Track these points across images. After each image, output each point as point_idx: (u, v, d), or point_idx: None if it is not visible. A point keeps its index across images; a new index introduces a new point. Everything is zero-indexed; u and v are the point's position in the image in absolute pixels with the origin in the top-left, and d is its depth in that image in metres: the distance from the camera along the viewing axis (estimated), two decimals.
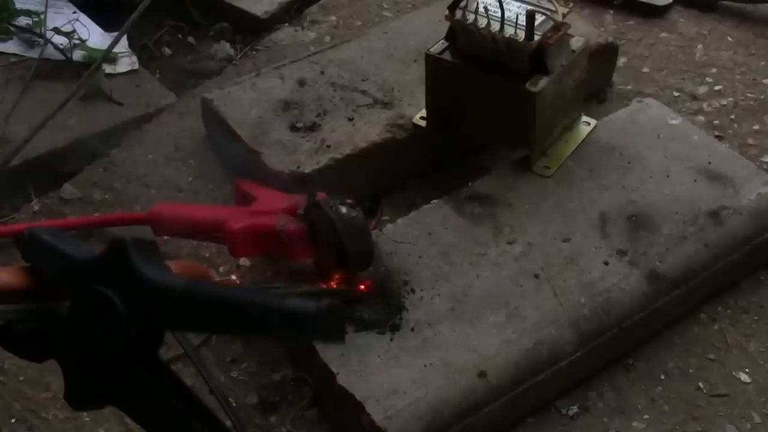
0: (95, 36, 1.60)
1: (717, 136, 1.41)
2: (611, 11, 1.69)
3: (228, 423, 0.76)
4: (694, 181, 1.24)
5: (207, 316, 0.60)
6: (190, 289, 0.60)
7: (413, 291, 1.11)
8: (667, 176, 1.25)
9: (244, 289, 0.61)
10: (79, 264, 0.64)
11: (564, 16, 1.20)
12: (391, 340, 1.06)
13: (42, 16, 1.59)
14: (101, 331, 0.62)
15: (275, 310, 0.58)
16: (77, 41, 1.55)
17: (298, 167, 1.26)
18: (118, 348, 0.61)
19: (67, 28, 1.56)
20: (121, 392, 0.63)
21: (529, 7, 1.18)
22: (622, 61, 1.56)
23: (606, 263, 1.14)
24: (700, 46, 1.62)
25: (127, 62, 1.57)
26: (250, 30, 1.70)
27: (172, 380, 0.62)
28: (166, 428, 0.62)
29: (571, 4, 1.22)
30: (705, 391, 1.12)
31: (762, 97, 1.51)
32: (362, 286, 1.09)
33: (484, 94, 1.24)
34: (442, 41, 1.25)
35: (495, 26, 1.17)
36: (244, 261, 1.24)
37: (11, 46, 1.58)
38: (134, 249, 0.62)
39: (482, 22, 1.17)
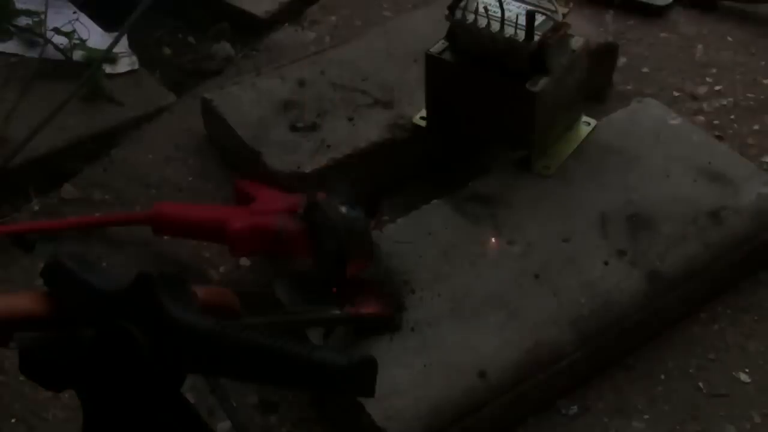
0: (95, 36, 1.60)
1: (717, 136, 1.41)
2: (611, 11, 1.69)
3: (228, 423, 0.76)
4: (694, 181, 1.24)
5: (233, 362, 0.58)
6: (215, 333, 0.58)
7: (413, 291, 1.11)
8: (667, 176, 1.25)
9: (274, 336, 0.58)
10: (104, 296, 0.62)
11: (564, 16, 1.20)
12: (391, 340, 1.06)
13: (42, 16, 1.59)
14: (122, 366, 0.60)
15: (305, 362, 0.56)
16: (77, 41, 1.55)
17: (298, 167, 1.26)
18: (138, 384, 0.60)
19: (67, 28, 1.56)
20: (139, 430, 0.61)
21: (529, 7, 1.18)
22: (622, 61, 1.56)
23: (606, 263, 1.14)
24: (700, 46, 1.62)
25: (127, 62, 1.57)
26: (250, 30, 1.70)
27: (193, 421, 0.61)
28: None
29: (571, 4, 1.22)
30: (705, 391, 1.12)
31: (762, 97, 1.51)
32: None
33: (484, 94, 1.24)
34: (442, 41, 1.26)
35: (495, 26, 1.17)
36: (244, 261, 1.25)
37: (11, 46, 1.58)
38: (161, 284, 0.60)
39: (482, 22, 1.18)
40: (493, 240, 1.13)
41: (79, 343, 0.64)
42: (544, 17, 1.18)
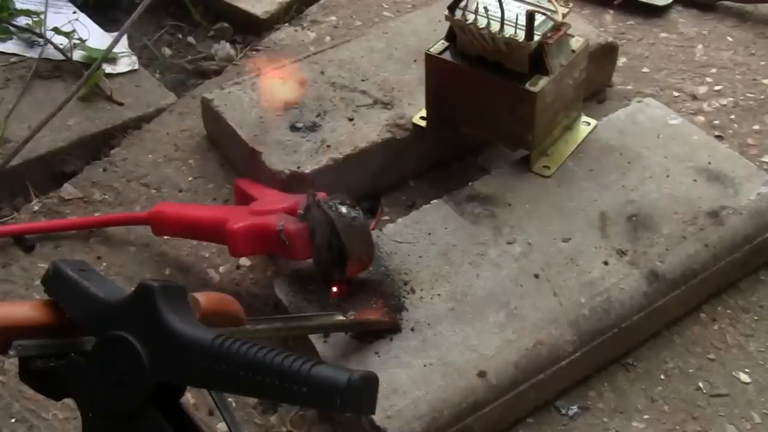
0: (95, 36, 1.60)
1: (717, 136, 1.41)
2: (611, 11, 1.69)
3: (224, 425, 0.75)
4: (694, 181, 1.24)
5: (231, 377, 0.57)
6: (215, 347, 0.58)
7: (413, 291, 1.11)
8: (667, 176, 1.25)
9: (274, 351, 0.57)
10: (104, 305, 0.62)
11: (564, 16, 1.20)
12: (391, 340, 1.06)
13: (42, 16, 1.59)
14: (122, 377, 0.60)
15: (305, 379, 0.55)
16: (77, 41, 1.55)
17: (298, 167, 1.26)
18: (138, 398, 0.60)
19: (67, 28, 1.56)
20: None
21: (529, 7, 1.18)
22: (622, 61, 1.56)
23: (606, 263, 1.14)
24: (700, 46, 1.62)
25: (127, 62, 1.57)
26: (250, 30, 1.70)
27: (193, 429, 0.61)
28: None
29: (571, 4, 1.22)
30: (705, 391, 1.12)
31: (762, 97, 1.51)
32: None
33: (484, 94, 1.24)
34: (442, 41, 1.26)
35: (495, 26, 1.17)
36: (244, 261, 1.25)
37: (11, 46, 1.58)
38: (162, 296, 0.60)
39: (482, 22, 1.17)
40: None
41: (78, 352, 0.63)
42: (544, 17, 1.18)
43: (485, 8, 1.17)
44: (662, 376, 1.13)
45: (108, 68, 1.53)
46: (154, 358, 0.59)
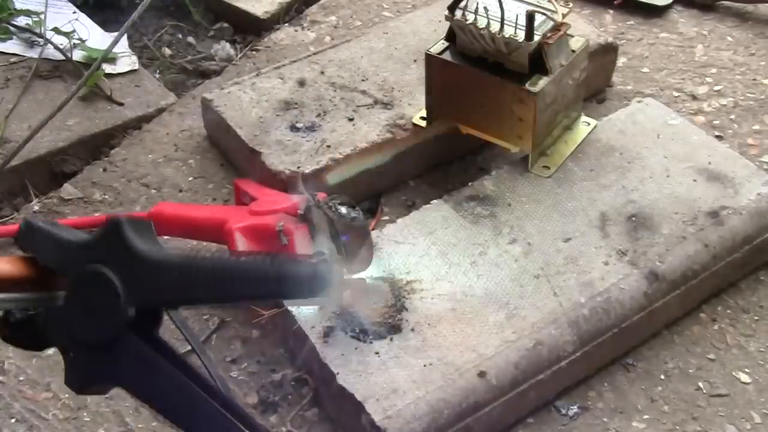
0: (95, 36, 1.60)
1: (717, 136, 1.41)
2: (611, 11, 1.69)
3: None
4: (694, 181, 1.24)
5: (205, 287, 0.60)
6: (186, 263, 0.60)
7: (413, 291, 1.11)
8: (667, 176, 1.25)
9: (241, 258, 0.62)
10: (75, 246, 0.64)
11: (564, 16, 1.20)
12: (391, 340, 1.06)
13: (42, 16, 1.59)
14: (100, 310, 0.62)
15: (273, 275, 0.58)
16: (77, 41, 1.55)
17: (298, 167, 1.26)
18: (117, 327, 0.61)
19: (67, 28, 1.56)
20: (124, 372, 0.62)
21: (529, 7, 1.18)
22: (622, 61, 1.56)
23: (606, 263, 1.14)
24: (700, 46, 1.62)
25: (127, 62, 1.57)
26: (250, 30, 1.70)
27: (174, 356, 0.62)
28: (170, 404, 0.62)
29: (571, 4, 1.22)
30: (705, 391, 1.12)
31: (762, 97, 1.51)
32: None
33: (484, 94, 1.24)
34: (442, 41, 1.26)
35: (495, 26, 1.17)
36: None
37: (11, 46, 1.58)
38: (129, 227, 0.62)
39: (482, 22, 1.17)
40: None
41: (55, 299, 0.65)
42: (544, 17, 1.18)
43: (485, 8, 1.17)
44: (662, 376, 1.13)
45: (108, 68, 1.53)
46: (129, 286, 0.61)
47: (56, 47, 1.53)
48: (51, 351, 0.68)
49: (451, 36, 1.25)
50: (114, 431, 1.08)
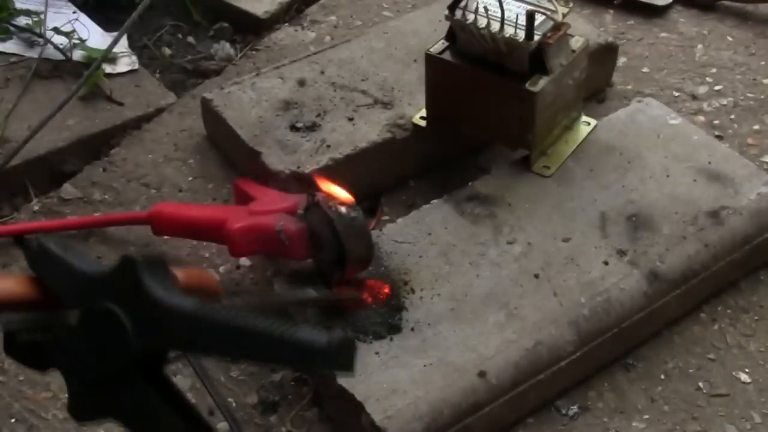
0: (95, 36, 1.60)
1: (717, 136, 1.41)
2: (611, 11, 1.69)
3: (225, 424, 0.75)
4: (694, 181, 1.24)
5: (215, 341, 0.59)
6: (198, 313, 0.59)
7: (413, 291, 1.11)
8: (667, 176, 1.25)
9: (255, 315, 0.59)
10: (88, 278, 0.64)
11: (564, 16, 1.20)
12: (391, 340, 1.06)
13: (42, 16, 1.59)
14: (107, 346, 0.61)
15: (286, 340, 0.57)
16: (77, 41, 1.55)
17: (298, 167, 1.26)
18: (123, 366, 0.61)
19: (67, 28, 1.56)
20: (124, 408, 0.62)
21: (529, 7, 1.18)
22: (622, 61, 1.56)
23: (606, 263, 1.14)
24: (700, 46, 1.62)
25: (127, 62, 1.57)
26: (250, 30, 1.70)
27: (177, 398, 0.62)
28: None
29: (571, 4, 1.22)
30: (705, 391, 1.12)
31: (762, 97, 1.51)
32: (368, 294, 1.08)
33: (484, 94, 1.24)
34: (442, 41, 1.26)
35: (495, 26, 1.17)
36: (244, 261, 1.25)
37: (11, 46, 1.58)
38: (144, 267, 0.61)
39: (482, 22, 1.17)
40: None
41: (63, 323, 0.65)
42: (544, 17, 1.18)
43: (485, 8, 1.17)
44: (662, 376, 1.13)
45: (108, 68, 1.53)
46: (139, 327, 0.60)
47: (56, 47, 1.53)
48: None
49: (451, 36, 1.25)
50: (115, 431, 1.08)
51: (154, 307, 0.60)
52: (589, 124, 1.33)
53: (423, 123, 1.33)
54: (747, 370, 1.14)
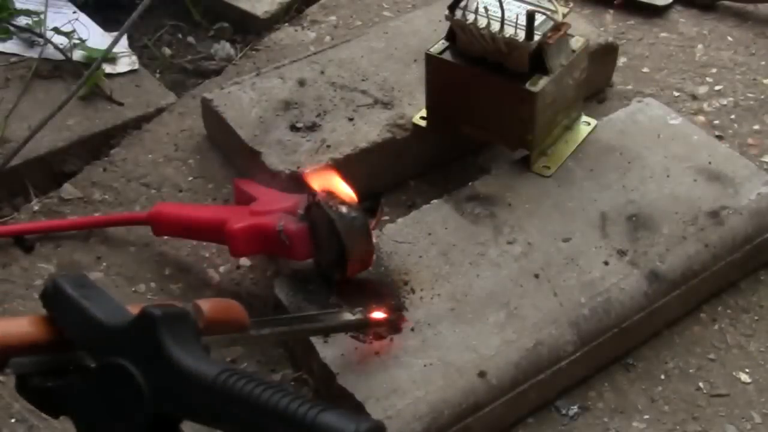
0: (95, 36, 1.60)
1: (717, 136, 1.41)
2: (611, 11, 1.69)
3: None
4: (694, 181, 1.24)
5: (234, 416, 0.56)
6: (218, 383, 0.57)
7: (413, 291, 1.11)
8: (667, 176, 1.25)
9: (281, 390, 0.56)
10: (104, 330, 0.61)
11: (564, 16, 1.20)
12: (391, 340, 1.06)
13: (42, 16, 1.59)
14: (120, 404, 0.59)
15: (309, 425, 0.54)
16: (77, 41, 1.55)
17: (298, 167, 1.26)
18: (136, 424, 0.59)
19: (67, 28, 1.56)
20: None
21: (529, 7, 1.18)
22: (622, 61, 1.56)
23: (606, 263, 1.14)
24: (700, 46, 1.62)
25: (127, 62, 1.57)
26: (250, 30, 1.70)
27: None
28: None
29: (571, 4, 1.22)
30: (705, 391, 1.12)
31: (762, 97, 1.51)
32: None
33: (484, 94, 1.24)
34: (442, 41, 1.26)
35: (495, 26, 1.17)
36: (244, 261, 1.25)
37: (11, 46, 1.57)
38: (164, 325, 0.59)
39: (482, 22, 1.17)
40: None
41: (76, 368, 0.63)
42: (544, 17, 1.18)
43: (485, 8, 1.17)
44: (662, 376, 1.13)
45: (108, 68, 1.52)
46: (155, 389, 0.58)
47: (56, 47, 1.53)
48: None
49: (451, 36, 1.25)
50: None
51: (172, 370, 0.58)
52: (589, 124, 1.33)
53: (423, 123, 1.33)
54: (747, 370, 1.14)
